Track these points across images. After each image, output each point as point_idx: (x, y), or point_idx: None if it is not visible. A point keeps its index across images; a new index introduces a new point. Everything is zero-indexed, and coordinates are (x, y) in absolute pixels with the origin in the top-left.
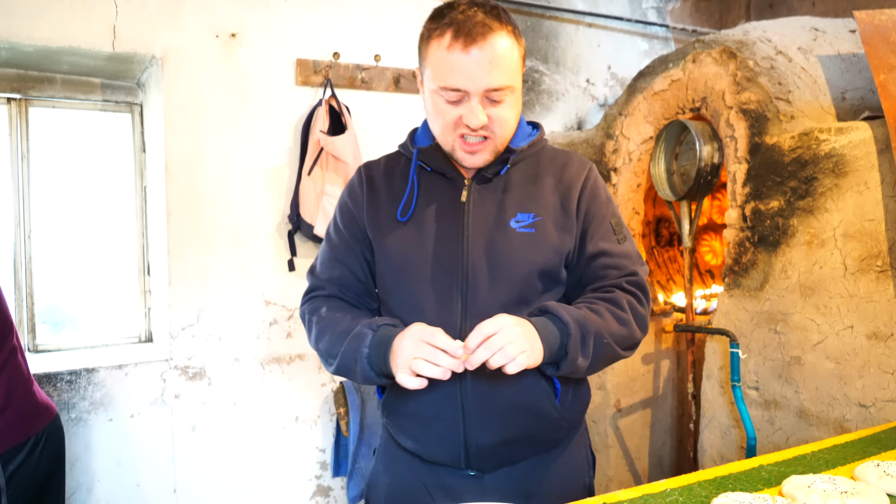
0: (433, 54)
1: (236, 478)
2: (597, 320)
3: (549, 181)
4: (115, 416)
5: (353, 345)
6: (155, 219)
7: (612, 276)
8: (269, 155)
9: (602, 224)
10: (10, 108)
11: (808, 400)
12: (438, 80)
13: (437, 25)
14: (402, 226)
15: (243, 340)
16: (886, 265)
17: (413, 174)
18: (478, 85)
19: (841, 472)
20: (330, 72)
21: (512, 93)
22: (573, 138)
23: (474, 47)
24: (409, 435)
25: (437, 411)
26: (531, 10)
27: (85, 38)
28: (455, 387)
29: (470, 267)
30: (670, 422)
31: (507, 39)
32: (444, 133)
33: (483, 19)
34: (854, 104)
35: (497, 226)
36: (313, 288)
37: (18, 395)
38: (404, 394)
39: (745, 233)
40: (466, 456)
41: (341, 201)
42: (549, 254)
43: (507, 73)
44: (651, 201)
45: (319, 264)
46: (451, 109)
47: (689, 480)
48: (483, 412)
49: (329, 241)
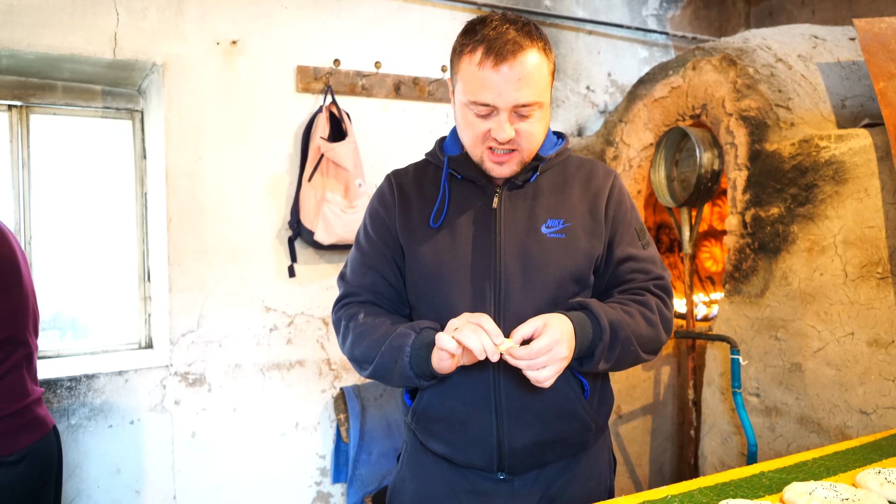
0: (464, 69)
1: (236, 484)
2: (629, 323)
3: (577, 189)
4: (115, 422)
5: (394, 345)
6: (155, 225)
7: (639, 280)
8: (269, 161)
9: (628, 230)
10: (11, 115)
11: (808, 407)
12: (469, 95)
13: (469, 41)
14: (435, 232)
15: (243, 347)
16: (887, 272)
17: (444, 182)
18: (507, 101)
19: (842, 479)
20: (330, 79)
21: (540, 108)
22: (573, 145)
23: (504, 65)
24: (442, 439)
25: (470, 414)
26: (532, 18)
27: (86, 45)
28: (489, 388)
29: (503, 272)
30: (671, 428)
31: (536, 56)
32: (473, 144)
33: (514, 37)
34: (854, 111)
35: (528, 231)
36: (346, 294)
37: (12, 409)
38: (437, 398)
39: (745, 239)
40: (500, 458)
41: (371, 208)
42: (579, 258)
43: (535, 89)
44: (651, 208)
45: (350, 271)
46: (480, 123)
47: (689, 487)
48: (517, 414)
49: (359, 247)
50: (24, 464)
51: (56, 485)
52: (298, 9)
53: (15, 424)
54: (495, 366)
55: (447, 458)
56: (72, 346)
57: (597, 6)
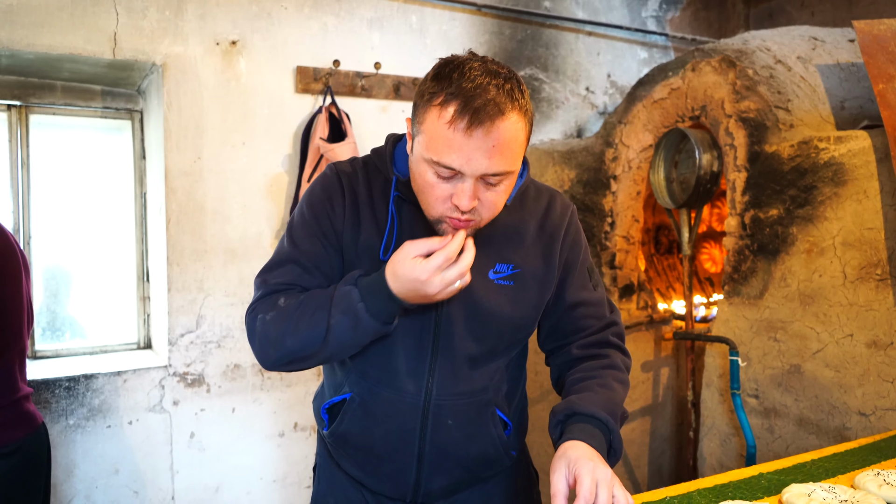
0: (431, 123)
1: (235, 485)
2: (615, 398)
3: (532, 228)
4: (114, 422)
5: (343, 307)
6: (154, 225)
7: (593, 327)
8: (268, 162)
9: (581, 272)
10: (11, 114)
11: (807, 408)
12: (432, 153)
13: (442, 92)
14: (382, 265)
15: (242, 347)
16: (886, 274)
17: (392, 208)
18: (475, 169)
19: (841, 481)
20: (330, 79)
21: (509, 177)
22: (573, 146)
23: (479, 130)
24: (357, 466)
25: (390, 454)
26: (531, 19)
27: (86, 45)
28: (415, 435)
29: (445, 315)
30: (670, 430)
31: (516, 121)
32: (430, 205)
33: (495, 96)
34: (853, 113)
35: (476, 276)
36: (267, 293)
37: (6, 401)
38: (357, 428)
39: (744, 241)
40: (414, 494)
41: (315, 199)
42: (526, 310)
43: (508, 158)
44: (650, 209)
45: (281, 271)
46: (441, 184)
47: (688, 489)
48: (438, 462)
49: (296, 243)
50: (18, 455)
51: (45, 479)
52: (298, 9)
53: (9, 417)
54: (425, 416)
55: (358, 480)
56: (70, 346)
57: (596, 7)
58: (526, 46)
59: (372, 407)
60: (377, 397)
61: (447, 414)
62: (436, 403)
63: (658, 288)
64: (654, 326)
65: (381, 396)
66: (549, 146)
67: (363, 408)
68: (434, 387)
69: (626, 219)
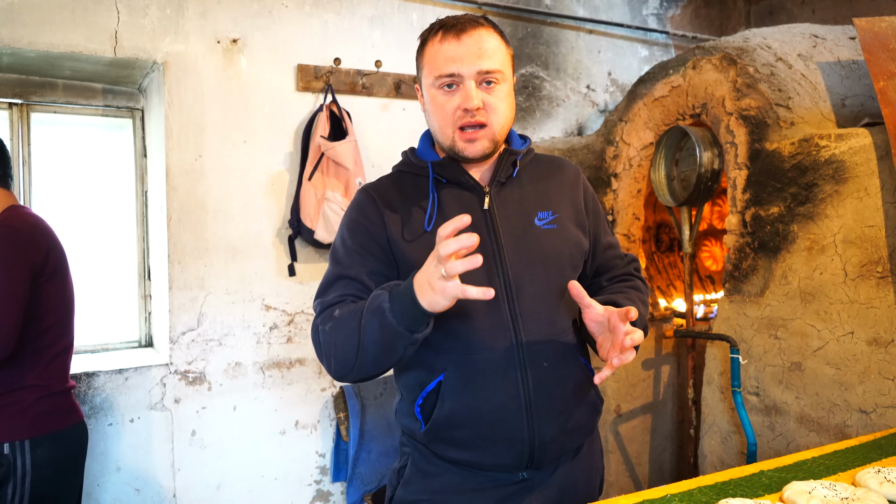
0: (428, 53)
1: (236, 482)
2: (642, 311)
3: (554, 182)
4: (115, 420)
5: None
6: (155, 223)
7: (620, 266)
8: (269, 160)
9: (604, 220)
10: (12, 113)
11: (808, 406)
12: (434, 72)
13: (430, 31)
14: (431, 236)
15: (243, 345)
16: (887, 271)
17: (432, 186)
18: (470, 68)
19: (841, 479)
20: (331, 77)
21: (504, 81)
22: (574, 144)
23: (465, 36)
24: (468, 447)
25: (499, 411)
26: (532, 17)
27: (87, 43)
28: (517, 385)
29: (509, 270)
30: (671, 427)
31: (494, 36)
32: (443, 126)
33: (471, 19)
34: (854, 111)
35: (524, 226)
36: (322, 310)
37: (60, 388)
38: (461, 403)
39: (745, 238)
40: (530, 453)
41: (350, 221)
42: (572, 247)
43: (496, 59)
44: (651, 207)
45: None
46: (448, 100)
47: (689, 486)
48: (545, 407)
49: (337, 263)
50: (67, 441)
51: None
52: (299, 7)
53: (64, 404)
54: (522, 363)
55: (469, 463)
56: None
57: (597, 5)
58: (527, 44)
59: (471, 373)
60: (472, 362)
61: (541, 356)
62: (528, 349)
63: (659, 286)
64: (655, 324)
65: (476, 359)
66: (549, 144)
67: (462, 379)
68: (522, 333)
69: (626, 217)
